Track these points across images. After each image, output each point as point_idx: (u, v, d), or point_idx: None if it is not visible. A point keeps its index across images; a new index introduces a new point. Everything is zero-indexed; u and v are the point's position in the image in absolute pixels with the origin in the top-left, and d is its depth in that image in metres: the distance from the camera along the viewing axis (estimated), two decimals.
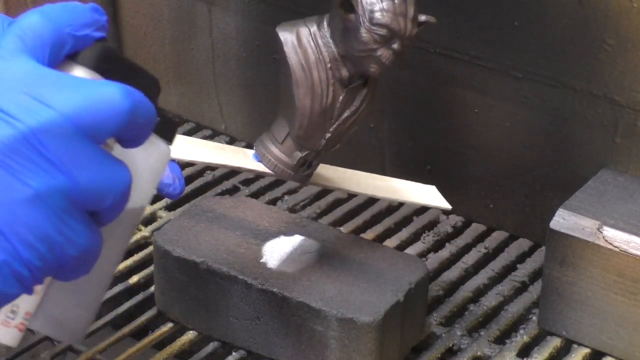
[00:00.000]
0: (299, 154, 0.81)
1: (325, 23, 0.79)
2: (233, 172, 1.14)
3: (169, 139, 0.59)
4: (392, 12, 0.75)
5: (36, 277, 0.52)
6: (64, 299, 0.58)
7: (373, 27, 0.76)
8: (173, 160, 0.80)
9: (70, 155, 0.51)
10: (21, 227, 0.51)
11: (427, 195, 0.92)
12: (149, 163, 0.58)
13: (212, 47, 1.18)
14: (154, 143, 0.57)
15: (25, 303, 0.56)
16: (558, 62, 0.94)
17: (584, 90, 0.93)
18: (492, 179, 1.02)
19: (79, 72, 0.54)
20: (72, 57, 0.54)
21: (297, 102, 0.79)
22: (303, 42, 0.79)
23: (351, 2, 0.76)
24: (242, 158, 0.83)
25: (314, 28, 0.79)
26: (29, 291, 0.53)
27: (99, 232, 0.54)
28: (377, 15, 0.75)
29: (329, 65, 0.79)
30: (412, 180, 1.08)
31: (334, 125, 0.80)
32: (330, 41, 0.78)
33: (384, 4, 0.75)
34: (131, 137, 0.54)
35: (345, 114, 0.80)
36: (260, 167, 0.83)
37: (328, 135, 0.80)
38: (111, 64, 0.55)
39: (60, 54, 0.54)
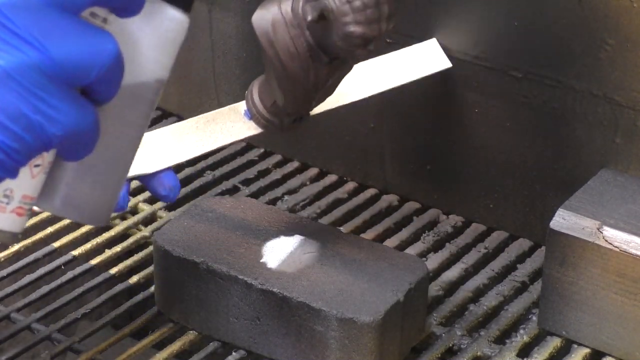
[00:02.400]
0: (288, 119, 0.81)
1: (299, 9, 0.76)
2: (233, 172, 1.14)
3: (185, 8, 0.57)
4: (365, 22, 0.74)
5: (16, 159, 0.50)
6: (78, 181, 0.56)
7: (347, 38, 0.74)
8: (170, 170, 0.80)
9: (41, 28, 0.49)
10: None
11: (427, 58, 0.89)
12: (159, 33, 0.56)
13: (212, 47, 1.17)
14: (163, 12, 0.56)
15: (20, 186, 0.54)
16: (558, 62, 0.94)
17: (584, 90, 0.93)
18: (492, 179, 1.02)
19: None
20: None
21: (278, 92, 0.79)
22: (279, 33, 0.77)
23: (323, 14, 0.74)
24: (232, 124, 0.83)
25: (289, 16, 0.76)
26: (12, 174, 0.51)
27: (91, 109, 0.52)
28: (351, 28, 0.74)
29: (307, 54, 0.77)
30: (412, 180, 1.08)
31: (320, 92, 0.80)
32: (307, 32, 0.76)
33: (357, 15, 0.73)
34: (119, 5, 0.52)
35: (330, 82, 0.80)
36: (252, 130, 0.82)
37: (314, 102, 0.81)
38: None
39: None
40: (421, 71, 0.90)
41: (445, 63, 0.91)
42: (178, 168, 1.14)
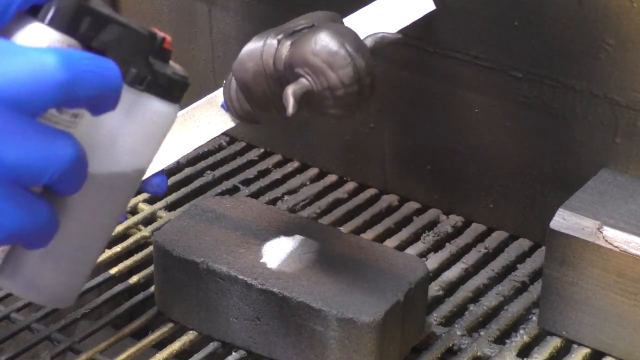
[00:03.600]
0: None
1: (282, 65, 0.76)
2: (233, 172, 1.14)
3: (174, 99, 0.56)
4: (345, 106, 0.74)
5: None
6: (42, 266, 0.55)
7: (326, 115, 0.74)
8: (162, 172, 0.80)
9: None
10: None
11: (410, 4, 0.88)
12: (142, 125, 0.54)
13: (212, 47, 1.17)
14: (147, 105, 0.54)
15: None
16: (558, 62, 0.94)
17: (584, 90, 0.93)
18: (492, 179, 1.02)
19: (33, 31, 0.50)
20: (35, 12, 0.50)
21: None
22: (259, 85, 0.77)
23: (305, 98, 0.73)
24: (208, 119, 0.82)
25: (270, 70, 0.76)
26: None
27: (44, 208, 0.51)
28: (330, 111, 0.74)
29: None
30: (412, 180, 1.08)
31: None
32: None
33: (337, 101, 0.73)
34: (84, 107, 0.50)
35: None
36: (228, 122, 0.82)
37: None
38: (79, 20, 0.50)
39: (7, 12, 0.50)
40: (406, 19, 0.88)
41: (429, 6, 0.88)
42: (178, 168, 1.14)
